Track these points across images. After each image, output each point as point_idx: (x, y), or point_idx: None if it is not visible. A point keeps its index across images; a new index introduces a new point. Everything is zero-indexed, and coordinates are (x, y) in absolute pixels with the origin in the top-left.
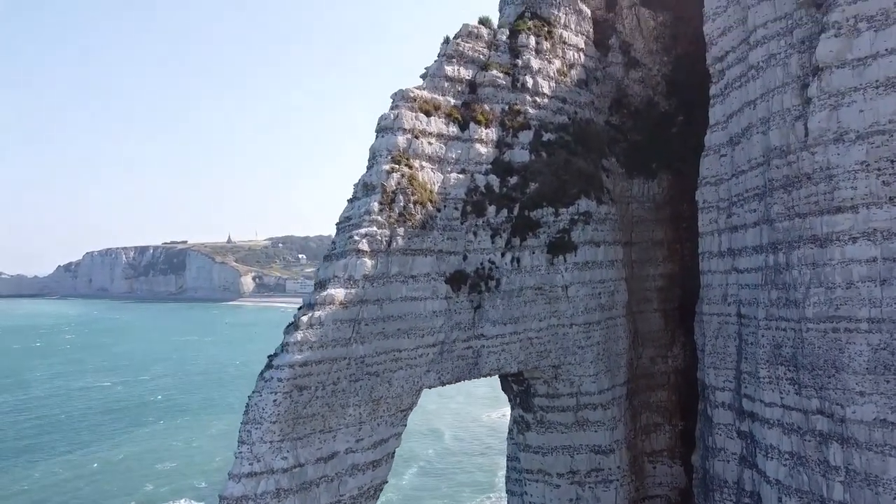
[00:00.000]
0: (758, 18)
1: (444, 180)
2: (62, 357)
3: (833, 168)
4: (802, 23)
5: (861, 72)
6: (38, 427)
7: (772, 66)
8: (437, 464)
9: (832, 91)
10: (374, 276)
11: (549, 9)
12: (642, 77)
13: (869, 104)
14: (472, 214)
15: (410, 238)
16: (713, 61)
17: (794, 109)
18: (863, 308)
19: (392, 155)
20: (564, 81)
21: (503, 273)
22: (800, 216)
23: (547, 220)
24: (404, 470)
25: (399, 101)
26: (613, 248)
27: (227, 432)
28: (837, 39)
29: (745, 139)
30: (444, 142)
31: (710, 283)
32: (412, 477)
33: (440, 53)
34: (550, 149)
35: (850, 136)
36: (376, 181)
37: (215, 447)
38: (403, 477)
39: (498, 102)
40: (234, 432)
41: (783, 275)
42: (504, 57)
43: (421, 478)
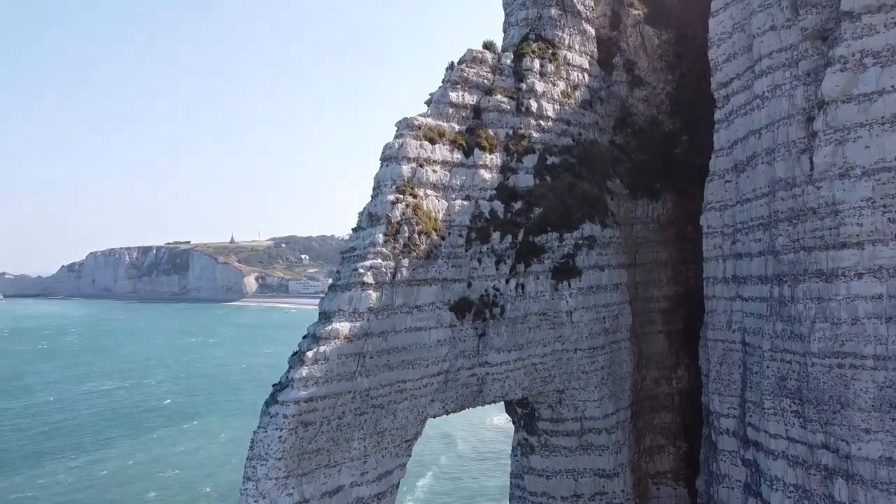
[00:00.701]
0: (763, 48)
1: (449, 207)
2: (67, 360)
3: (839, 203)
4: (808, 55)
5: (867, 108)
6: (43, 433)
7: (777, 96)
8: (451, 470)
9: (838, 126)
10: (378, 309)
11: (553, 30)
12: (646, 96)
13: (875, 140)
14: (477, 241)
15: (415, 269)
16: (718, 86)
17: (799, 142)
18: (868, 345)
19: (397, 185)
20: (569, 103)
21: (507, 300)
22: (805, 250)
23: (551, 245)
24: (419, 476)
25: (404, 130)
26: (618, 271)
27: (232, 439)
28: (843, 74)
29: (750, 168)
30: (449, 169)
31: (714, 308)
32: (427, 483)
33: (445, 79)
34: (555, 172)
35: (856, 171)
36: (381, 212)
37: (219, 454)
38: (418, 483)
39: (502, 127)
40: (238, 439)
41: (788, 307)
42: (508, 81)
43: (435, 483)
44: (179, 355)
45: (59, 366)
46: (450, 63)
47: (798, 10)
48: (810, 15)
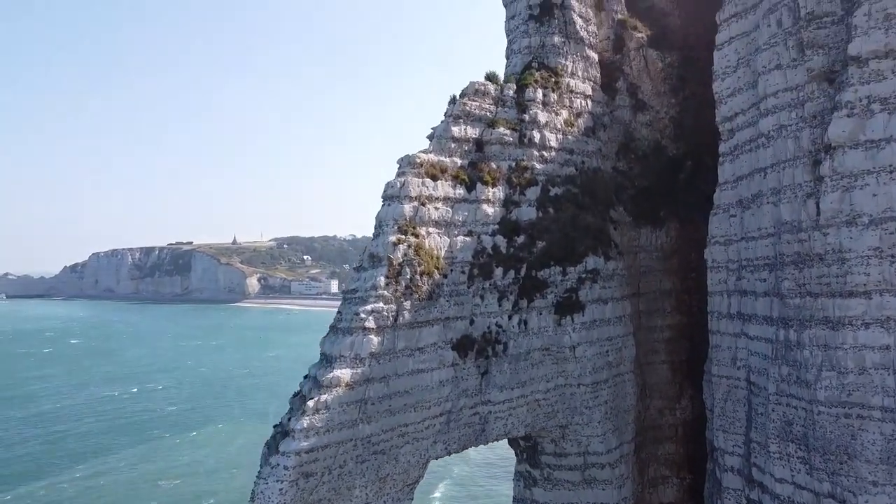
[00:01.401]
0: (769, 87)
1: (451, 244)
2: (70, 366)
3: (845, 251)
4: (814, 97)
5: (874, 155)
6: (45, 443)
7: (783, 137)
8: (465, 482)
9: (845, 172)
10: (380, 353)
11: (556, 58)
12: (650, 120)
13: (883, 188)
14: (479, 277)
15: (417, 311)
16: (722, 119)
17: (805, 185)
18: (875, 396)
19: (398, 224)
20: (572, 132)
21: (510, 336)
22: (811, 295)
23: (554, 280)
24: (434, 487)
25: (405, 168)
26: (621, 303)
27: (235, 447)
28: (850, 120)
29: (756, 206)
30: (451, 205)
31: (718, 343)
32: (443, 492)
33: (447, 114)
34: (558, 204)
35: (863, 219)
36: (382, 253)
37: (222, 464)
38: (434, 493)
39: (505, 159)
40: (240, 447)
41: (794, 352)
42: (511, 112)
43: (451, 493)
44: (182, 360)
45: (62, 372)
46: (452, 97)
47: (804, 51)
48: (817, 56)
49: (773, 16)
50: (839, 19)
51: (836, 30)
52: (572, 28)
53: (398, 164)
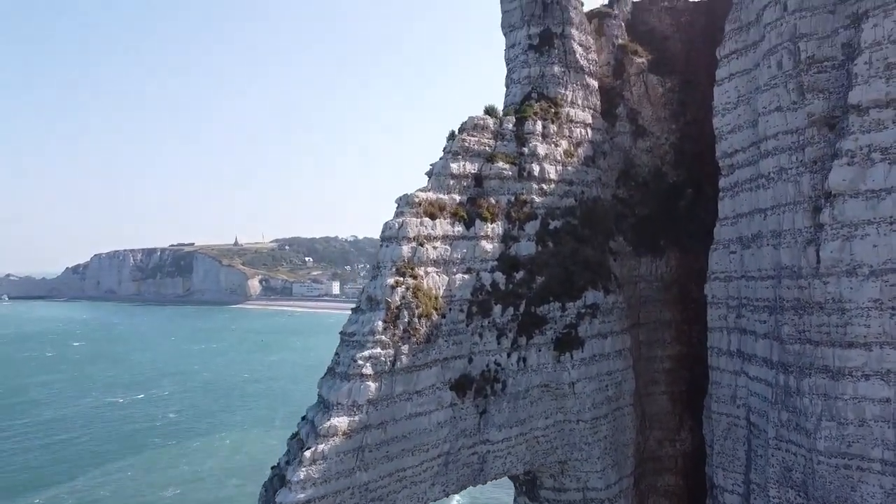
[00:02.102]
0: (769, 128)
1: (450, 282)
2: (72, 372)
3: (845, 302)
4: (815, 141)
5: (875, 205)
6: (45, 452)
7: (783, 180)
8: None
9: (845, 221)
10: (377, 399)
11: (555, 88)
12: (650, 146)
13: (883, 239)
14: (478, 315)
15: (415, 354)
16: (723, 155)
17: (805, 231)
18: (875, 448)
19: (396, 266)
20: (571, 162)
21: (509, 374)
22: (811, 343)
23: (553, 316)
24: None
25: (404, 207)
26: (621, 337)
27: (236, 455)
28: (850, 168)
29: (756, 247)
30: (450, 243)
31: (718, 380)
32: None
33: (446, 150)
34: (557, 237)
35: (864, 270)
36: (380, 296)
37: (222, 472)
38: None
39: (504, 193)
40: (241, 455)
41: (794, 399)
42: (510, 146)
43: None
44: (186, 364)
45: (65, 378)
46: (450, 133)
47: (805, 94)
48: (817, 100)
49: (773, 57)
50: (840, 64)
51: (836, 74)
52: (572, 57)
53: (396, 204)
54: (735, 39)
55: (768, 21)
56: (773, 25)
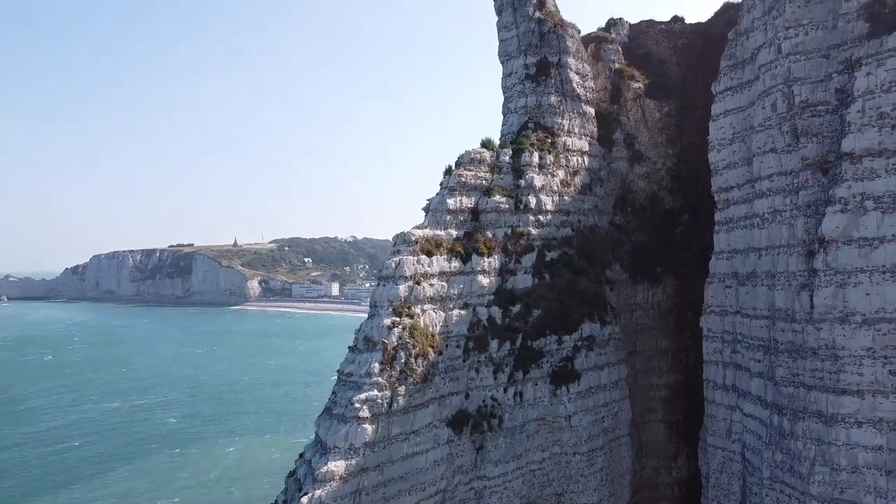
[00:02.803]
0: (763, 169)
1: (447, 318)
2: (71, 377)
3: (839, 349)
4: (808, 185)
5: (868, 253)
6: (45, 461)
7: (777, 222)
8: None
9: (838, 268)
10: (374, 442)
11: (552, 118)
12: (647, 172)
13: (876, 288)
14: (475, 351)
15: (412, 394)
16: (718, 189)
17: (799, 275)
18: (868, 496)
19: (393, 306)
20: (568, 192)
21: (505, 409)
22: (805, 387)
23: (550, 349)
24: None
25: (400, 245)
26: (617, 367)
27: (236, 463)
28: (844, 215)
29: (751, 285)
30: (447, 279)
31: (714, 413)
32: None
33: (442, 185)
34: (554, 269)
35: (857, 318)
36: (377, 337)
37: (222, 479)
38: None
39: (501, 227)
40: (242, 463)
41: (788, 441)
42: (507, 178)
43: None
44: (184, 369)
45: (63, 384)
46: (447, 167)
47: (798, 138)
48: (811, 144)
49: (767, 99)
50: (833, 109)
51: (830, 119)
52: (569, 86)
53: (393, 242)
54: (730, 76)
55: (763, 62)
56: (768, 67)
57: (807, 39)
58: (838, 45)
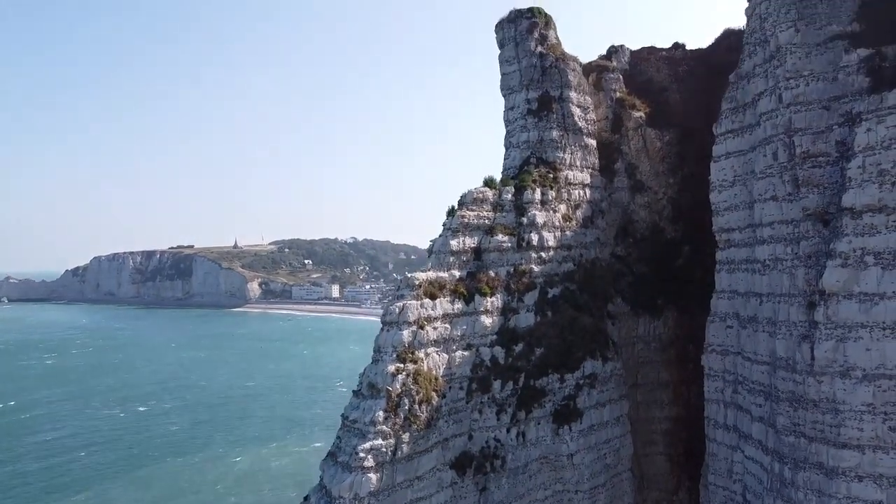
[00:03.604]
0: (765, 216)
1: (450, 360)
2: (72, 383)
3: (839, 403)
4: (809, 236)
5: (868, 309)
6: (44, 468)
7: (778, 270)
8: None
9: (839, 322)
10: (379, 491)
11: (554, 152)
12: (648, 202)
13: (876, 344)
14: (478, 392)
15: (416, 441)
16: (719, 230)
17: (800, 325)
18: None
19: (397, 352)
20: (570, 226)
21: (508, 450)
22: (806, 437)
23: (552, 388)
24: None
25: (404, 290)
26: (619, 403)
27: (236, 472)
28: (844, 270)
29: (752, 329)
30: (450, 321)
31: (715, 452)
32: None
33: (446, 226)
34: (556, 306)
35: (857, 373)
36: (381, 384)
37: (222, 491)
38: None
39: (503, 265)
40: (242, 473)
41: (788, 490)
42: (509, 216)
43: None
44: (186, 375)
45: (63, 390)
46: (450, 208)
47: (799, 188)
48: (812, 195)
49: (768, 147)
50: (834, 161)
51: (830, 171)
52: (570, 120)
53: (397, 286)
54: (731, 119)
55: (763, 110)
56: (769, 115)
57: (807, 90)
58: (839, 96)
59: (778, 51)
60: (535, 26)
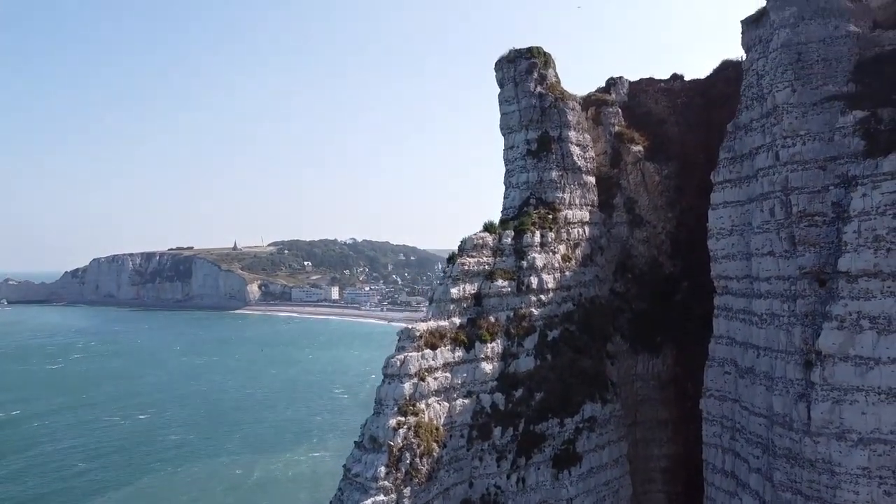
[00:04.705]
0: (762, 270)
1: (451, 409)
2: (75, 395)
3: (835, 465)
4: (806, 295)
5: (864, 373)
6: (43, 477)
7: (775, 326)
8: None
9: (835, 384)
10: None
11: (553, 192)
12: (647, 236)
13: (871, 409)
14: (478, 439)
15: (417, 495)
16: (717, 276)
17: (797, 383)
18: None
19: (398, 405)
20: (569, 266)
21: (508, 497)
22: (802, 496)
23: (552, 432)
24: None
25: (405, 342)
26: (618, 445)
27: (240, 481)
28: (840, 332)
29: (749, 380)
30: (450, 369)
31: (713, 497)
32: None
33: (446, 274)
34: (555, 349)
35: (853, 436)
36: (383, 438)
37: (227, 500)
38: None
39: (503, 310)
40: (244, 479)
41: None
42: (509, 261)
43: None
44: (188, 381)
45: (65, 402)
46: (450, 255)
47: (796, 246)
48: (808, 253)
49: (766, 203)
50: (830, 221)
51: (827, 230)
52: (570, 160)
53: (398, 337)
54: (729, 169)
55: (761, 166)
56: (766, 172)
57: (804, 150)
58: (835, 157)
59: (775, 109)
60: (535, 67)
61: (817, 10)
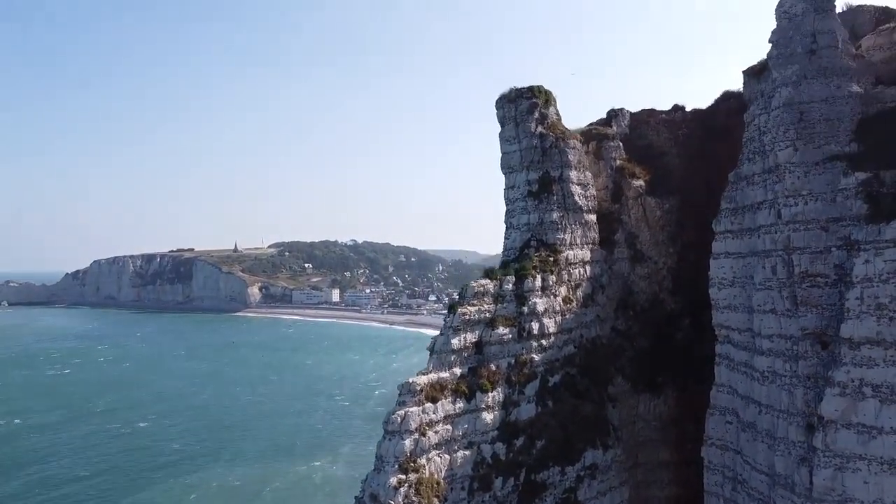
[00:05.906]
0: (764, 327)
1: (451, 461)
2: (76, 406)
3: None
4: (808, 356)
5: (866, 441)
6: (43, 487)
7: (777, 385)
8: None
9: (837, 451)
10: None
11: (554, 234)
12: (648, 272)
13: (874, 478)
14: (479, 491)
15: None
16: (718, 325)
17: (799, 446)
18: None
19: (399, 462)
20: (570, 308)
21: None
22: None
23: (553, 481)
24: None
25: (406, 396)
26: (619, 490)
27: (241, 490)
28: (843, 399)
29: (750, 435)
30: (451, 421)
31: None
32: None
33: (447, 324)
34: (557, 394)
35: None
36: (384, 497)
37: None
38: None
39: (504, 357)
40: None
41: None
42: (510, 307)
43: None
44: (189, 388)
45: (64, 403)
46: (450, 305)
47: (798, 306)
48: (810, 314)
49: (768, 260)
50: (833, 283)
51: (829, 292)
52: (570, 200)
53: (398, 391)
54: (731, 220)
55: (763, 223)
56: (768, 230)
57: (806, 209)
58: (837, 219)
59: (777, 167)
60: (535, 106)
61: (819, 70)
